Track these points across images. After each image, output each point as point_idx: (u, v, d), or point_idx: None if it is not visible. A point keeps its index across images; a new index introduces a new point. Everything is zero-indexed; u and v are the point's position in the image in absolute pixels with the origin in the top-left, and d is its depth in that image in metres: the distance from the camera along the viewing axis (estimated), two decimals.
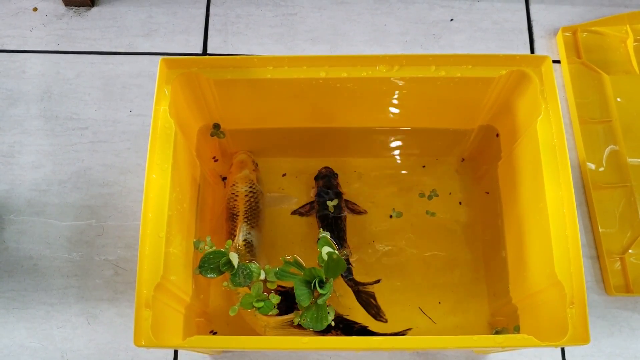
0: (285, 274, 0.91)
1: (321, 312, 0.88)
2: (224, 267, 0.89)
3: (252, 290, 0.91)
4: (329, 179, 1.03)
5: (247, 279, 0.90)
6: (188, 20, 1.20)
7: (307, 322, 0.87)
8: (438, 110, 0.96)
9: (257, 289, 0.90)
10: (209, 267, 0.90)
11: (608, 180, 1.07)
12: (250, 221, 0.98)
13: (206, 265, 0.90)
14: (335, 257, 0.88)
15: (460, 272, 1.02)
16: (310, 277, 0.87)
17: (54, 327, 1.00)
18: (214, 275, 0.89)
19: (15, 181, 1.09)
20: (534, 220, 0.84)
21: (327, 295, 0.87)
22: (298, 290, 0.87)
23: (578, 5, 1.21)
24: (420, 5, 1.22)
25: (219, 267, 0.89)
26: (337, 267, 0.89)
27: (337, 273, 0.89)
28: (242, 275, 0.90)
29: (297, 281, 0.88)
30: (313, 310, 0.88)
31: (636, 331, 1.00)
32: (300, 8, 1.21)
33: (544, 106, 0.83)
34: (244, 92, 0.90)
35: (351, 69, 0.85)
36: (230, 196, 1.00)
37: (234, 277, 0.90)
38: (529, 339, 0.73)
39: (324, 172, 1.04)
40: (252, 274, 0.90)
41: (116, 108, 1.13)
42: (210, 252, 0.90)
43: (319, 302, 0.87)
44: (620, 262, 1.03)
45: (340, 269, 0.89)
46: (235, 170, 1.03)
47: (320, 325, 0.87)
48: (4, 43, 1.18)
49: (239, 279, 0.90)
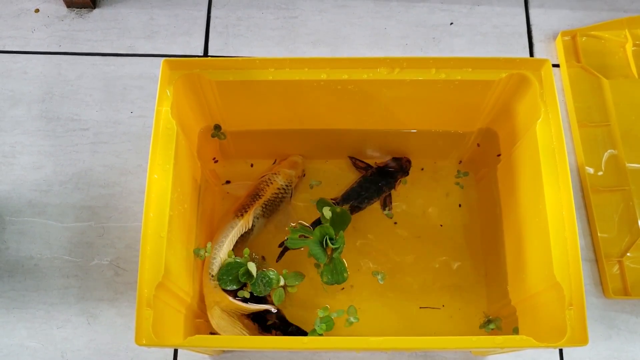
0: (296, 240, 0.94)
1: (338, 265, 0.93)
2: (243, 278, 0.92)
3: (273, 296, 0.93)
4: (400, 170, 1.05)
5: (267, 287, 0.92)
6: (189, 23, 1.20)
7: (328, 278, 0.93)
8: (438, 113, 0.96)
9: (279, 296, 0.93)
10: (228, 278, 0.92)
11: (607, 184, 1.07)
12: (265, 209, 0.99)
13: (225, 277, 0.92)
14: (339, 210, 0.94)
15: (459, 275, 1.02)
16: (320, 237, 0.92)
17: (54, 327, 1.01)
18: (235, 287, 0.92)
19: (16, 182, 1.09)
20: (533, 223, 0.85)
21: (341, 248, 0.93)
22: (313, 251, 0.92)
23: (577, 9, 1.22)
24: (420, 9, 1.22)
25: (238, 278, 0.91)
26: (342, 219, 0.94)
27: (345, 225, 0.94)
28: (261, 283, 0.92)
29: (310, 243, 0.92)
30: (330, 266, 0.92)
31: (634, 334, 1.01)
32: (301, 11, 1.22)
33: (544, 109, 0.83)
34: (245, 94, 0.90)
35: (352, 71, 0.86)
36: (265, 180, 1.01)
37: (254, 286, 0.92)
38: (528, 340, 0.73)
39: (404, 165, 1.06)
40: (272, 281, 0.92)
41: (117, 109, 1.14)
42: (228, 263, 0.92)
43: (334, 256, 0.92)
44: (619, 265, 1.03)
45: (346, 220, 0.94)
46: (285, 165, 1.04)
47: (341, 278, 0.93)
48: (6, 44, 1.19)
49: (259, 287, 0.92)
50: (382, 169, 1.05)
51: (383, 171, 1.05)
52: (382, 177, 1.04)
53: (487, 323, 0.96)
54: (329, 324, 0.94)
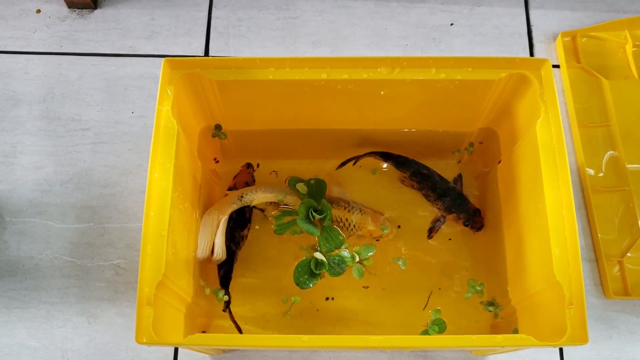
0: (284, 225, 0.97)
1: (331, 232, 0.96)
2: (318, 269, 0.93)
3: (354, 272, 0.95)
4: (470, 219, 1.02)
5: (343, 266, 0.94)
6: (190, 23, 1.21)
7: (326, 247, 0.95)
8: (438, 113, 0.96)
9: (359, 272, 0.96)
10: (305, 277, 0.94)
11: (607, 184, 1.07)
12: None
13: (302, 278, 0.94)
14: (313, 181, 0.96)
15: (459, 274, 1.02)
16: (305, 211, 0.94)
17: (55, 327, 1.01)
18: (315, 281, 0.94)
19: (17, 181, 1.09)
20: (533, 222, 0.85)
21: (328, 215, 0.95)
22: (304, 227, 0.94)
23: (577, 10, 1.22)
24: (420, 9, 1.22)
25: (313, 272, 0.93)
26: (319, 188, 0.96)
27: (323, 192, 0.96)
28: (336, 266, 0.94)
29: (298, 222, 0.94)
30: (324, 235, 0.95)
31: (634, 334, 1.01)
32: (301, 11, 1.22)
33: (544, 109, 0.83)
34: (245, 94, 0.91)
35: (352, 71, 0.86)
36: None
37: (330, 270, 0.94)
38: (528, 339, 0.73)
39: (477, 220, 1.03)
40: (347, 260, 0.95)
41: (118, 109, 1.14)
42: (298, 265, 0.94)
43: (325, 225, 0.95)
44: (619, 266, 1.03)
45: (323, 187, 0.96)
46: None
47: (338, 242, 0.95)
48: (7, 44, 1.19)
49: (335, 270, 0.94)
50: (465, 201, 1.03)
51: (463, 203, 1.02)
52: (456, 203, 1.02)
53: (488, 304, 0.97)
54: (442, 325, 0.94)
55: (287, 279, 0.98)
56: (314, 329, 0.99)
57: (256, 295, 1.00)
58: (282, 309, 0.99)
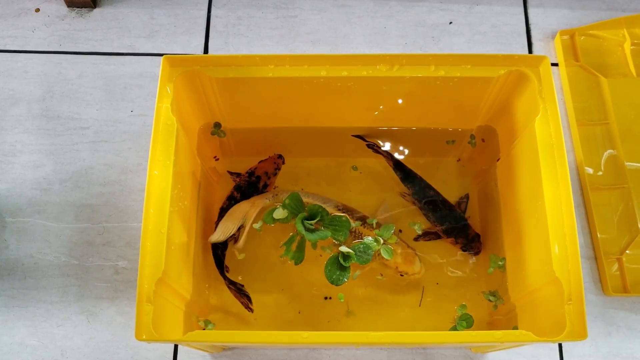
0: (297, 252, 0.97)
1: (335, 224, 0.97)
2: (347, 262, 0.94)
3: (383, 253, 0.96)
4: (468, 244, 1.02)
5: (370, 252, 0.95)
6: (189, 22, 1.21)
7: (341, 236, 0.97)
8: (437, 110, 0.97)
9: (388, 252, 0.96)
10: (337, 273, 0.94)
11: (606, 182, 1.08)
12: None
13: (334, 275, 0.94)
14: (287, 200, 0.97)
15: (459, 272, 1.02)
16: (303, 226, 0.95)
17: (54, 326, 1.01)
18: (348, 274, 0.94)
19: (17, 180, 1.09)
20: (532, 219, 0.85)
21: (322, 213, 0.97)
22: (314, 237, 0.95)
23: (576, 9, 1.23)
24: (419, 8, 1.23)
25: (343, 265, 0.94)
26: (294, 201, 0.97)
27: (299, 201, 0.97)
28: (363, 254, 0.95)
29: (307, 237, 0.95)
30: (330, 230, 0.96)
31: (633, 331, 1.01)
32: (300, 10, 1.22)
33: (542, 106, 0.83)
34: (245, 91, 0.91)
35: (351, 68, 0.86)
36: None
37: (359, 259, 0.95)
38: (527, 335, 0.74)
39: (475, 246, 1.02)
40: (371, 246, 0.95)
41: (117, 108, 1.14)
42: (327, 263, 0.95)
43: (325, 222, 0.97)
44: (618, 263, 1.03)
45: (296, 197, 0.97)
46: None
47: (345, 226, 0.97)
48: (7, 43, 1.19)
49: (363, 257, 0.95)
50: (465, 226, 1.02)
51: (463, 229, 1.02)
52: (456, 228, 1.02)
53: (490, 294, 0.97)
54: (469, 320, 0.95)
55: (287, 278, 0.99)
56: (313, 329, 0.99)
57: (256, 295, 1.00)
58: (283, 309, 0.99)
